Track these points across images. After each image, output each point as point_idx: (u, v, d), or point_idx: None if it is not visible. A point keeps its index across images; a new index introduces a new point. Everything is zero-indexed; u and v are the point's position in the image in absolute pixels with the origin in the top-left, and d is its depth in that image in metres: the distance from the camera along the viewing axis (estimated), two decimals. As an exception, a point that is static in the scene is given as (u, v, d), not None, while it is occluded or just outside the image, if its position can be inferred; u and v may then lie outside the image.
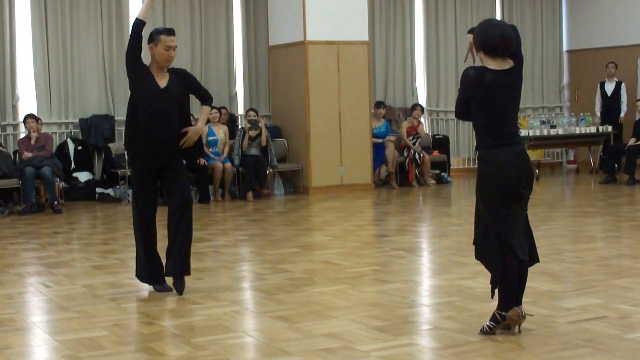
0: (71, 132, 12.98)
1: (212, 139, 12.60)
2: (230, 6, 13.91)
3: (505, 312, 4.76)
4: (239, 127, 13.40)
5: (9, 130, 12.69)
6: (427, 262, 7.52)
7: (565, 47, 16.84)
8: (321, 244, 8.55)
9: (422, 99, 15.35)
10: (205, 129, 12.09)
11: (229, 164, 12.56)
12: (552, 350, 4.50)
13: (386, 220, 10.47)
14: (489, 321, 4.83)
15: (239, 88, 14.06)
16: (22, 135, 12.17)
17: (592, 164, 15.31)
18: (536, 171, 13.32)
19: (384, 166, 13.91)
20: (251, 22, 14.05)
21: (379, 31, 14.89)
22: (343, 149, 13.14)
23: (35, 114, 12.28)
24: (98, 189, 12.61)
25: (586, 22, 16.44)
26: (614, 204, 11.00)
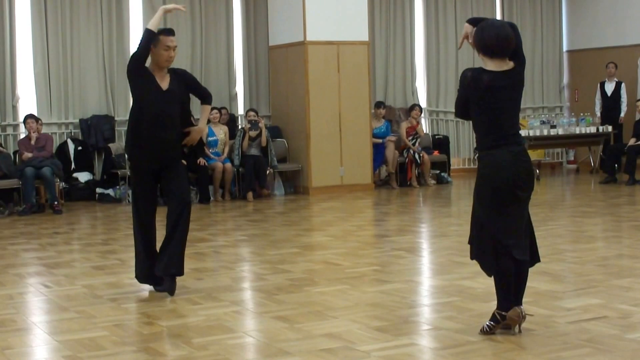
0: (71, 132, 12.98)
1: (212, 139, 12.60)
2: (230, 6, 13.91)
3: (505, 311, 4.76)
4: (239, 127, 13.40)
5: (9, 131, 12.68)
6: (427, 262, 7.52)
7: (565, 47, 16.83)
8: (321, 244, 8.54)
9: (422, 99, 15.35)
10: (205, 129, 12.09)
11: (229, 164, 12.56)
12: (552, 351, 4.50)
13: (386, 221, 10.48)
14: (488, 321, 4.83)
15: (239, 88, 14.06)
16: (22, 136, 12.16)
17: (592, 164, 15.30)
18: (536, 171, 13.31)
19: (384, 166, 13.91)
20: (251, 22, 14.05)
21: (379, 31, 14.88)
22: (343, 149, 13.13)
23: (35, 114, 12.28)
24: (98, 189, 12.60)
25: (586, 22, 16.44)
26: (614, 204, 10.99)
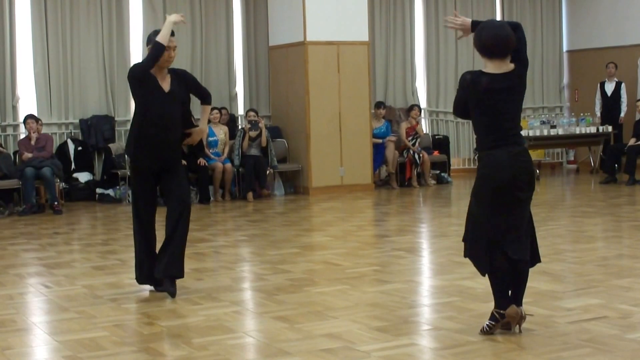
0: (71, 132, 12.97)
1: (212, 139, 12.60)
2: (230, 6, 13.90)
3: (503, 309, 4.76)
4: (239, 127, 13.40)
5: (9, 131, 12.68)
6: (428, 263, 7.52)
7: (565, 47, 16.83)
8: (321, 244, 8.54)
9: (422, 99, 15.35)
10: (206, 130, 12.08)
11: (229, 165, 12.56)
12: (553, 351, 4.50)
13: (386, 221, 10.48)
14: (488, 320, 4.83)
15: (239, 88, 14.06)
16: (22, 136, 12.16)
17: (592, 164, 15.30)
18: (536, 172, 13.30)
19: (384, 166, 13.91)
20: (251, 23, 14.05)
21: (379, 31, 14.88)
22: (343, 150, 13.13)
23: (36, 114, 12.27)
24: (98, 190, 12.60)
25: (586, 22, 16.43)
26: (614, 204, 10.99)
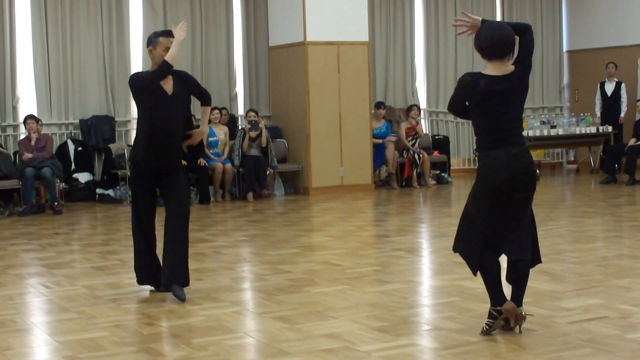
0: (71, 132, 12.97)
1: (212, 139, 12.60)
2: (230, 6, 13.90)
3: (499, 306, 4.76)
4: (239, 127, 13.40)
5: (9, 131, 12.68)
6: (428, 263, 7.52)
7: (565, 47, 16.83)
8: (321, 244, 8.54)
9: (422, 100, 15.35)
10: (207, 131, 12.09)
11: (229, 165, 12.56)
12: (553, 351, 4.50)
13: (386, 221, 10.48)
14: (487, 319, 4.83)
15: (239, 89, 14.06)
16: (22, 136, 12.17)
17: (592, 164, 15.30)
18: (537, 172, 13.31)
19: (384, 167, 13.92)
20: (251, 23, 14.05)
21: (379, 31, 14.88)
22: (343, 150, 13.13)
23: (36, 114, 12.28)
24: (98, 190, 12.60)
25: (586, 22, 16.43)
26: (614, 204, 10.99)
